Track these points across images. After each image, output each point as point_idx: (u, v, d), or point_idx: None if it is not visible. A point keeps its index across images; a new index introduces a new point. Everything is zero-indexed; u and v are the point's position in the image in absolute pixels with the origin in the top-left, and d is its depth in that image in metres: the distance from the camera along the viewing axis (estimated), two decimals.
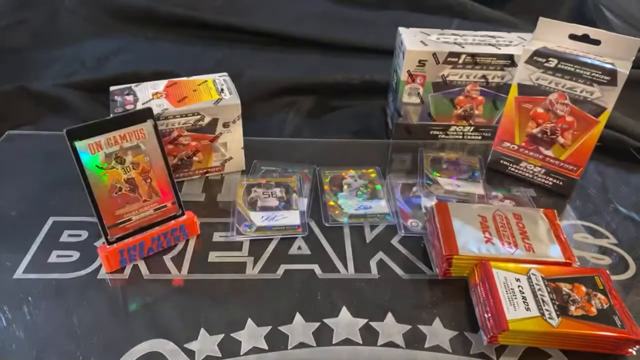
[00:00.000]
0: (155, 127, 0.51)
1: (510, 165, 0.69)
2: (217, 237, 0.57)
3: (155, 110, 0.58)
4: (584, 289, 0.48)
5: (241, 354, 0.45)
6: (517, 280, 0.48)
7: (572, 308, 0.46)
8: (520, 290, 0.47)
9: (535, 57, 0.60)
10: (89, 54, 0.95)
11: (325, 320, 0.48)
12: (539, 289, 0.47)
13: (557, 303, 0.46)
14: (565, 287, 0.48)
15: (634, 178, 0.71)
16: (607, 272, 0.50)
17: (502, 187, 0.67)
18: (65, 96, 0.80)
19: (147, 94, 0.62)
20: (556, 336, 0.45)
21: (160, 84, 0.64)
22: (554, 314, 0.45)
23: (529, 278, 0.48)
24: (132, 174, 0.51)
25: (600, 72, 0.57)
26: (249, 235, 0.57)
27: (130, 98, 0.61)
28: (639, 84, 0.85)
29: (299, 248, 0.56)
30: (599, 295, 0.47)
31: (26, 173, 0.66)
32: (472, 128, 0.76)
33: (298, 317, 0.48)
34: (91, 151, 0.48)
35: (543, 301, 0.46)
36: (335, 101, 0.87)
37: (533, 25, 0.63)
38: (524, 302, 0.46)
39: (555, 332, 0.44)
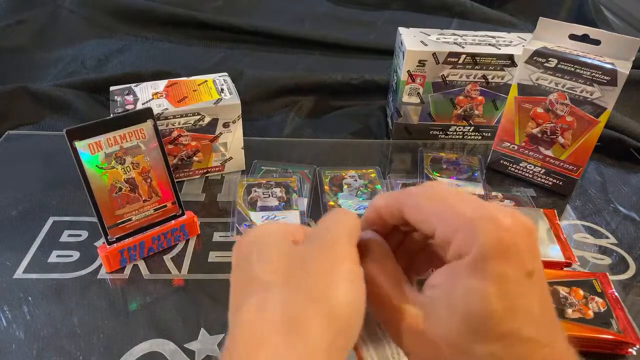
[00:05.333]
0: (155, 127, 0.51)
1: (510, 165, 0.69)
2: (217, 237, 0.57)
3: (155, 110, 0.58)
4: (581, 292, 0.48)
5: None
6: None
7: (569, 311, 0.46)
8: None
9: (535, 57, 0.60)
10: (89, 54, 0.95)
11: None
12: None
13: (553, 306, 0.46)
14: (563, 291, 0.48)
15: (634, 178, 0.71)
16: (607, 274, 0.50)
17: (502, 187, 0.67)
18: (65, 96, 0.80)
19: (147, 94, 0.62)
20: None
21: (160, 84, 0.64)
22: None
23: None
24: (132, 174, 0.51)
25: (600, 72, 0.57)
26: None
27: (130, 98, 0.61)
28: (639, 84, 0.85)
29: None
30: (597, 298, 0.47)
31: (26, 173, 0.66)
32: (472, 128, 0.76)
33: None
34: (91, 151, 0.48)
35: None
36: (335, 101, 0.87)
37: (533, 25, 0.63)
38: None
39: None
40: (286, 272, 0.24)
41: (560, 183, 0.66)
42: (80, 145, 0.47)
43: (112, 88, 0.63)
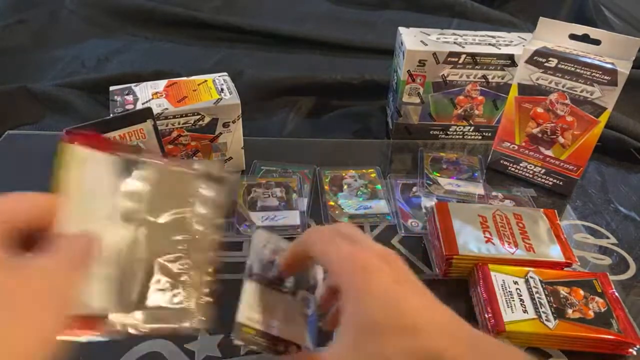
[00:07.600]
0: (155, 127, 0.51)
1: (511, 165, 0.69)
2: None
3: (155, 110, 0.58)
4: (581, 292, 0.48)
5: (242, 354, 0.45)
6: (515, 283, 0.48)
7: (570, 311, 0.46)
8: (518, 293, 0.47)
9: (535, 57, 0.60)
10: (89, 54, 0.95)
11: None
12: (537, 292, 0.47)
13: (554, 306, 0.46)
14: (563, 291, 0.48)
15: (634, 178, 0.71)
16: (607, 274, 0.50)
17: (502, 187, 0.67)
18: (65, 96, 0.80)
19: (147, 93, 0.62)
20: (553, 338, 0.45)
21: (160, 84, 0.64)
22: (550, 317, 0.45)
23: (527, 281, 0.48)
24: None
25: (600, 72, 0.57)
26: (249, 235, 0.57)
27: (130, 98, 0.61)
28: (639, 84, 0.85)
29: None
30: (597, 298, 0.47)
31: (26, 173, 0.66)
32: (472, 128, 0.76)
33: None
34: None
35: (540, 304, 0.46)
36: (335, 101, 0.87)
37: (533, 25, 0.63)
38: (521, 304, 0.46)
39: (552, 334, 0.44)
40: None
41: (561, 183, 0.66)
42: None
43: (111, 88, 0.63)
